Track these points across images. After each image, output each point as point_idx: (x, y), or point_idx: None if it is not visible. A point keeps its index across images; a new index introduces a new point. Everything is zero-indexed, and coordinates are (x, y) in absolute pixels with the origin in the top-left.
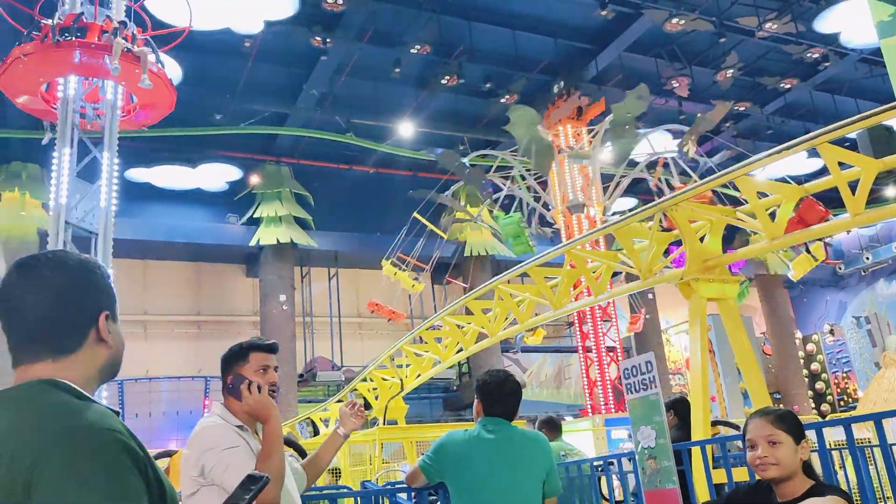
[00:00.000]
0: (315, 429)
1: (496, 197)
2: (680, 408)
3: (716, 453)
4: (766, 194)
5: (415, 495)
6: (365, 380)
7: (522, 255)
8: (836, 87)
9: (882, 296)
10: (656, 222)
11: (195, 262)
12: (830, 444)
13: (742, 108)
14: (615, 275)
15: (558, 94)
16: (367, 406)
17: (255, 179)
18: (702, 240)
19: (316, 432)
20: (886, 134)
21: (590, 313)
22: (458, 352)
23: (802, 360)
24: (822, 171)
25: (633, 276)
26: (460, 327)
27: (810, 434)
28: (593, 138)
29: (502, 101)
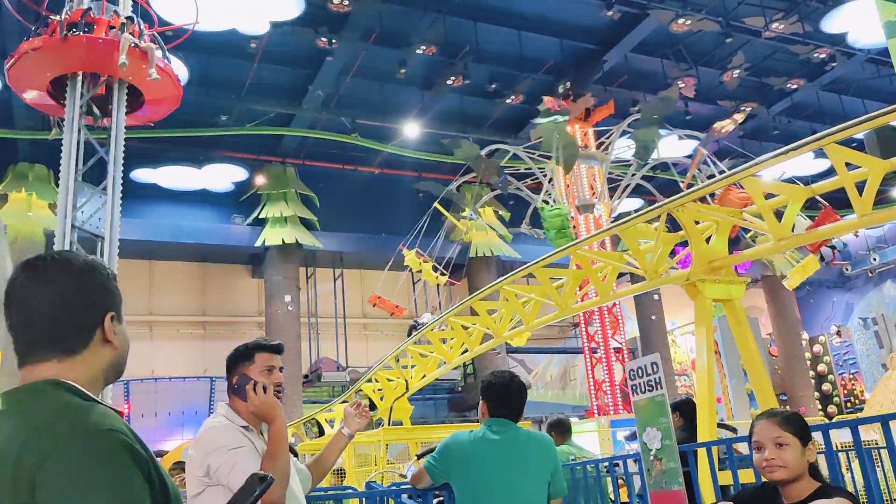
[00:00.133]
0: (320, 429)
1: (498, 194)
2: (685, 409)
3: (721, 455)
4: (773, 195)
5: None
6: (370, 380)
7: (529, 255)
8: (844, 87)
9: (889, 297)
10: (662, 223)
11: (201, 263)
12: (837, 446)
13: (748, 108)
14: (621, 275)
15: (564, 95)
16: (373, 407)
17: (260, 180)
18: (708, 241)
19: (321, 433)
20: (894, 134)
21: (598, 313)
22: (464, 352)
23: (809, 362)
24: (829, 172)
25: (638, 276)
26: (465, 328)
27: (817, 436)
28: (607, 138)
29: (508, 101)
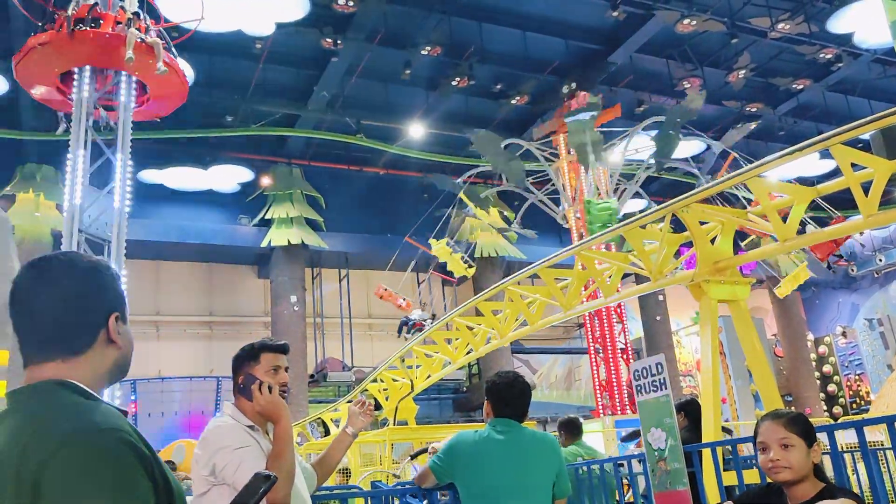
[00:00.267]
0: (326, 429)
1: (499, 191)
2: (690, 410)
3: (726, 455)
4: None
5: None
6: (375, 380)
7: (534, 256)
8: (850, 87)
9: (895, 298)
10: (667, 223)
11: (207, 263)
12: (843, 447)
13: (754, 108)
14: (626, 276)
15: (569, 95)
16: (378, 407)
17: (266, 181)
18: (713, 241)
19: (327, 433)
20: None
21: (605, 313)
22: (469, 353)
23: (814, 363)
24: (835, 173)
25: (643, 277)
26: (470, 328)
27: (822, 437)
28: (619, 140)
29: (513, 102)
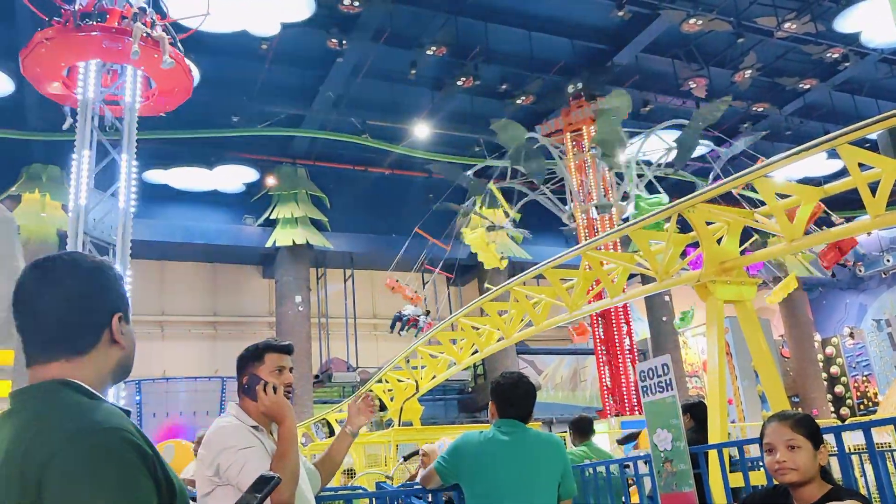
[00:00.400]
0: (331, 429)
1: (502, 190)
2: (696, 411)
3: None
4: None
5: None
6: (380, 381)
7: (540, 256)
8: (857, 87)
9: None
10: (673, 224)
11: (212, 264)
12: (850, 449)
13: (760, 108)
14: (632, 276)
15: (574, 95)
16: (383, 407)
17: (271, 181)
18: (719, 241)
19: (332, 433)
20: None
21: (613, 314)
22: (474, 353)
23: (821, 364)
24: (842, 173)
25: (649, 277)
26: (476, 329)
27: (829, 438)
28: (636, 139)
29: (518, 102)
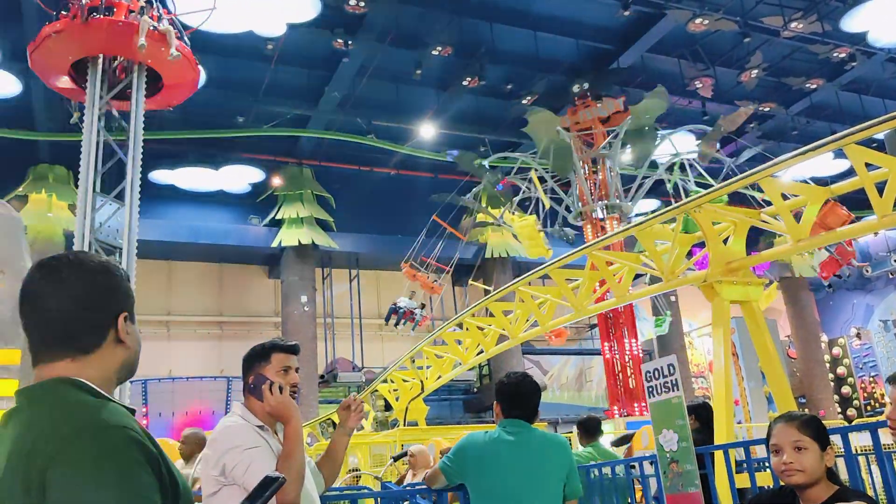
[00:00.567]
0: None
1: (516, 199)
2: (701, 412)
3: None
4: (791, 196)
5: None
6: (385, 381)
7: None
8: (864, 87)
9: None
10: (679, 224)
11: (218, 264)
12: (857, 450)
13: (767, 108)
14: (637, 277)
15: (579, 95)
16: (388, 407)
17: (277, 181)
18: (725, 241)
19: None
20: None
21: (624, 314)
22: (479, 353)
23: (828, 364)
24: (849, 173)
25: (655, 278)
26: (481, 329)
27: (836, 439)
28: (614, 139)
29: (524, 102)
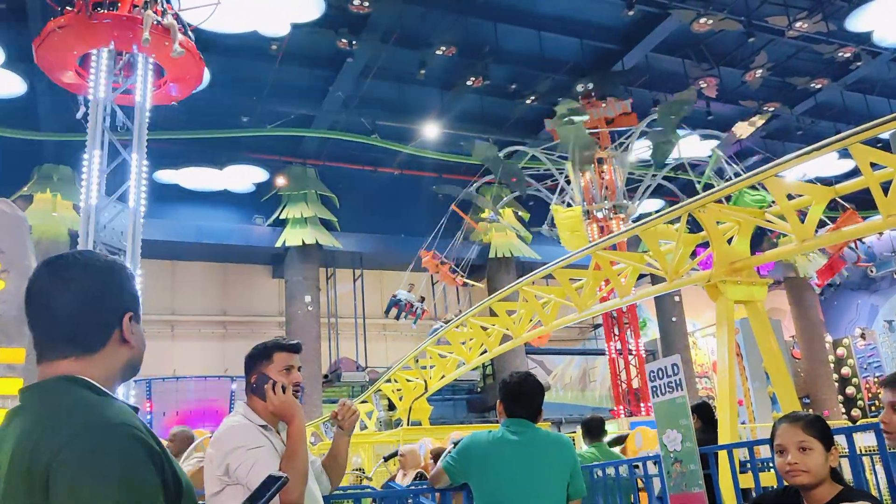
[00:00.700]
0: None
1: (517, 196)
2: (702, 412)
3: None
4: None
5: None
6: (389, 381)
7: (548, 256)
8: (869, 86)
9: None
10: (683, 224)
11: (222, 263)
12: (861, 450)
13: (771, 108)
14: (641, 276)
15: (583, 95)
16: (392, 407)
17: (281, 181)
18: (729, 241)
19: None
20: None
21: (629, 313)
22: (483, 353)
23: (832, 365)
24: (854, 173)
25: (659, 278)
26: (484, 329)
27: (840, 439)
28: (626, 139)
29: (528, 102)
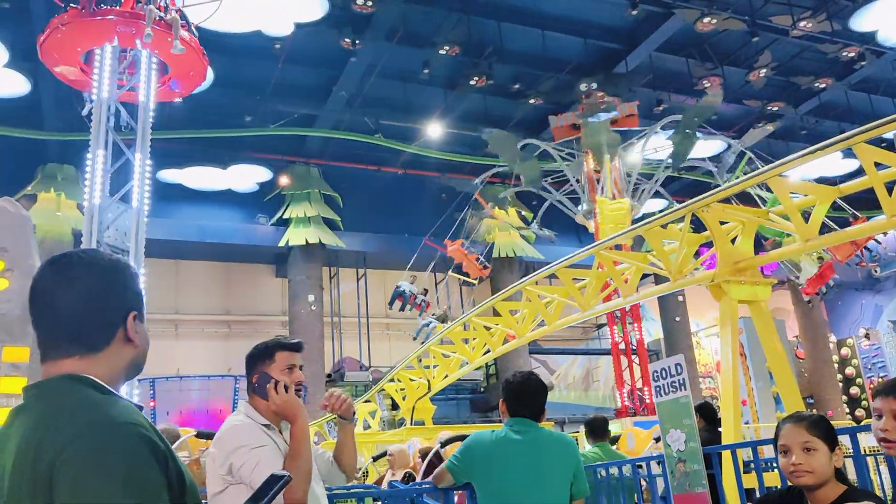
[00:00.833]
0: None
1: (517, 191)
2: (704, 412)
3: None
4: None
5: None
6: (392, 380)
7: (552, 256)
8: (873, 86)
9: None
10: (686, 223)
11: (225, 263)
12: (865, 450)
13: (775, 108)
14: (645, 276)
15: (586, 94)
16: (395, 406)
17: (284, 180)
18: (733, 241)
19: None
20: None
21: (632, 313)
22: (486, 353)
23: (836, 365)
24: (858, 172)
25: (662, 277)
26: (488, 328)
27: (844, 439)
28: (637, 139)
29: (531, 101)
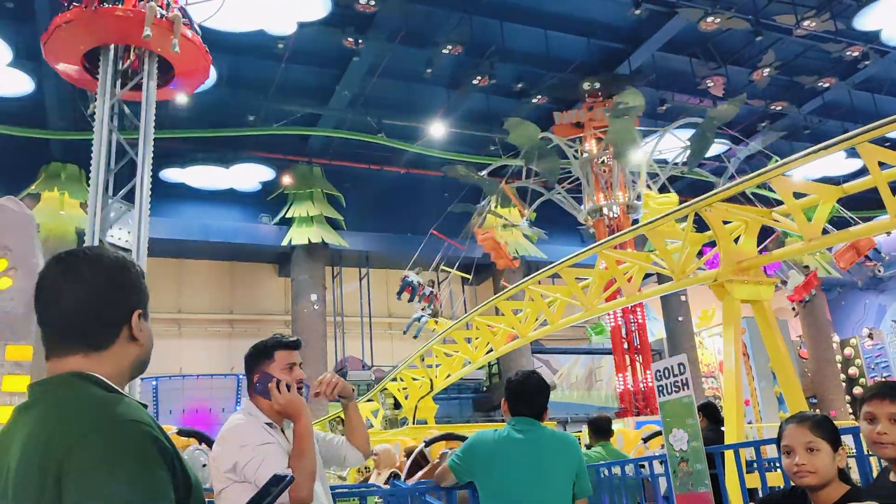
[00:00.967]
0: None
1: (517, 187)
2: (707, 411)
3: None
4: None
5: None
6: (395, 379)
7: (555, 255)
8: (877, 85)
9: None
10: (689, 223)
11: (228, 262)
12: (868, 450)
13: (779, 107)
14: (648, 276)
15: (590, 93)
16: (397, 405)
17: (287, 180)
18: (736, 241)
19: None
20: None
21: (641, 313)
22: (488, 352)
23: (840, 365)
24: (862, 172)
25: (665, 277)
26: (491, 328)
27: (848, 439)
28: (651, 139)
29: (534, 101)
